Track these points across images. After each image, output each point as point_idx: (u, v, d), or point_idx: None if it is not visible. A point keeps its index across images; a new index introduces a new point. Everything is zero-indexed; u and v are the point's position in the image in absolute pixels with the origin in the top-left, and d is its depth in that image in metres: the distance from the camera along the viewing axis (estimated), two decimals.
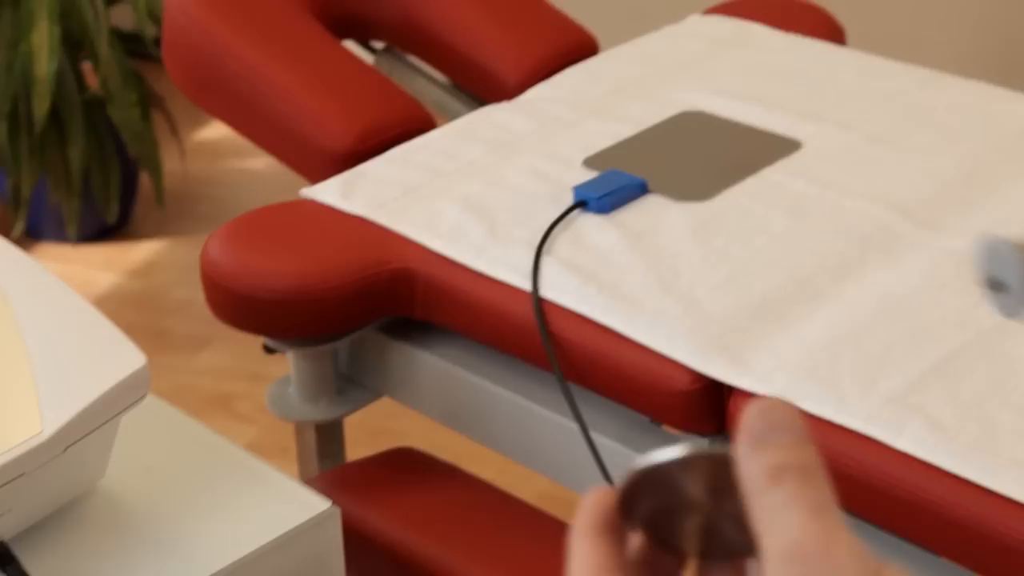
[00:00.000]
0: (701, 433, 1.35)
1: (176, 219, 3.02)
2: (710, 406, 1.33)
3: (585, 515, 0.50)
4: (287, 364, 1.62)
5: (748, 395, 1.28)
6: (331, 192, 1.59)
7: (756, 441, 0.47)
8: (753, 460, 0.47)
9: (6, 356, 1.04)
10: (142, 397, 1.07)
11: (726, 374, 1.30)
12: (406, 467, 1.62)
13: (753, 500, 0.46)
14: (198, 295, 1.62)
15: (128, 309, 2.76)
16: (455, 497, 1.55)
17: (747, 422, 0.48)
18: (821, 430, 1.24)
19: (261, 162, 3.15)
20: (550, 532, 1.47)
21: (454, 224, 1.50)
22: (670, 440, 1.41)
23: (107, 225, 2.92)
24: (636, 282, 1.40)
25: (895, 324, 1.34)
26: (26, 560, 1.02)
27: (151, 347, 1.20)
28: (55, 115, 2.71)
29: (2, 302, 1.08)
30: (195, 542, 1.09)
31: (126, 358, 1.06)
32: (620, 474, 0.51)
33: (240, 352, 2.61)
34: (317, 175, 1.68)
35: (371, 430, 2.07)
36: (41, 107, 2.63)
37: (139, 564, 1.07)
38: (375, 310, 1.50)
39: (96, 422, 1.04)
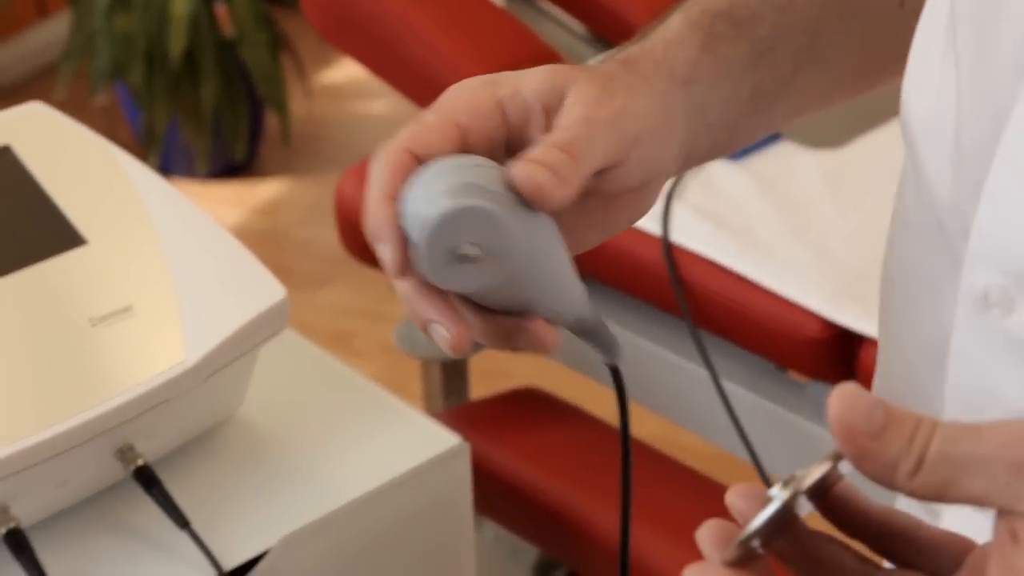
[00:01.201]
0: (829, 380, 1.35)
1: (300, 159, 3.06)
2: (839, 354, 1.33)
3: None
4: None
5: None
6: None
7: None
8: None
9: (153, 285, 1.07)
10: (281, 328, 1.10)
11: (857, 323, 1.30)
12: (530, 406, 1.63)
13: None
14: (320, 234, 1.65)
15: (252, 246, 2.80)
16: (579, 436, 1.56)
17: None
18: None
19: (384, 104, 3.18)
20: (670, 473, 1.49)
21: None
22: (797, 388, 1.41)
23: (234, 163, 2.97)
24: (767, 229, 1.39)
25: None
26: (168, 483, 1.05)
27: None
28: (189, 55, 2.76)
29: (151, 232, 1.10)
30: (329, 472, 1.11)
31: (267, 290, 1.09)
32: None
33: (359, 292, 2.64)
34: None
35: (491, 372, 2.09)
36: (176, 47, 2.68)
37: (274, 490, 1.10)
38: None
39: (237, 352, 1.06)
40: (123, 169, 1.15)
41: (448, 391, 1.66)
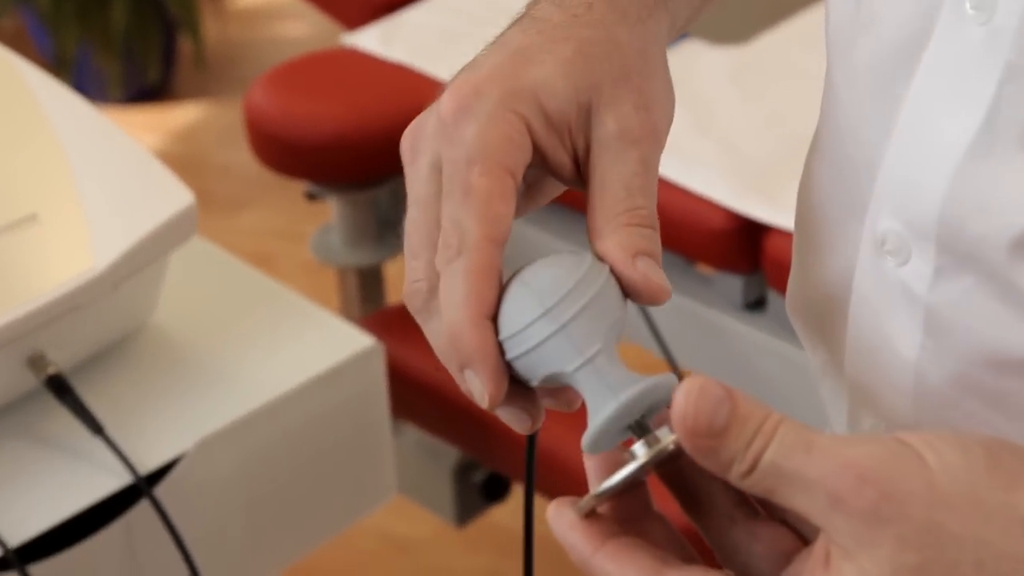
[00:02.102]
0: (737, 271, 1.37)
1: (216, 82, 3.04)
2: (745, 245, 1.34)
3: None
4: (328, 218, 1.64)
5: (782, 233, 1.30)
6: (371, 39, 1.60)
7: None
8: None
9: (58, 194, 1.07)
10: (190, 234, 1.10)
11: (762, 213, 1.31)
12: None
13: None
14: (238, 157, 1.65)
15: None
16: None
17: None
18: None
19: (301, 26, 3.15)
20: None
21: None
22: (705, 280, 1.43)
23: (149, 88, 2.94)
24: (673, 124, 1.40)
25: None
26: (82, 391, 1.05)
27: None
28: None
29: (55, 141, 1.10)
30: (244, 375, 1.12)
31: (175, 196, 1.08)
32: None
33: (279, 213, 2.64)
34: (358, 24, 1.69)
35: None
36: None
37: (189, 395, 1.10)
38: None
39: (146, 258, 1.06)
40: (25, 80, 1.14)
41: (365, 298, 1.67)
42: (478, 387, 0.54)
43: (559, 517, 0.51)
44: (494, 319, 0.54)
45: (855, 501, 0.45)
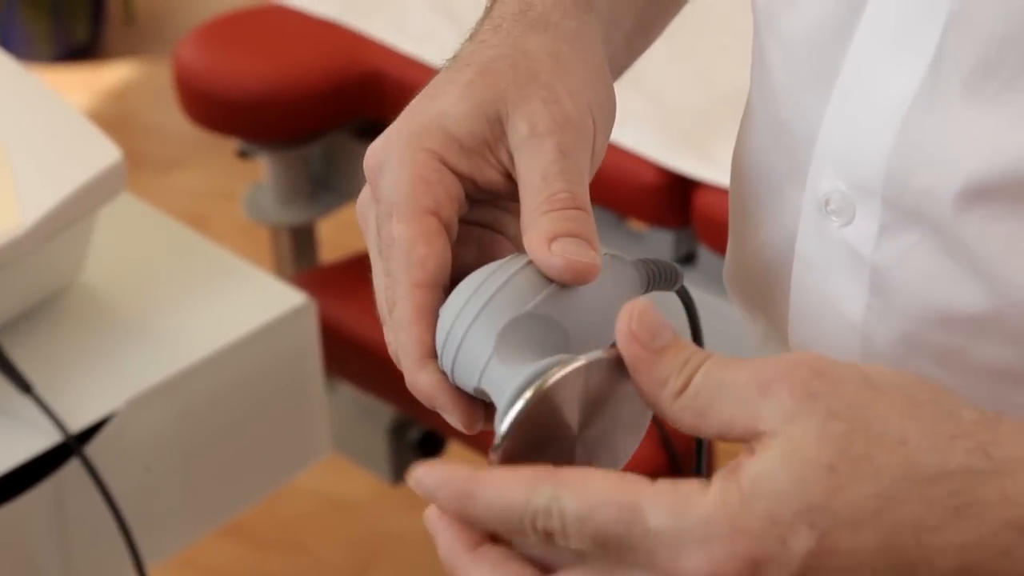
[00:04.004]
0: (667, 226, 1.38)
1: (147, 40, 3.00)
2: (676, 200, 1.35)
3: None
4: (261, 177, 1.63)
5: (712, 188, 1.31)
6: None
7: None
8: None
9: None
10: (118, 191, 1.09)
11: (691, 168, 1.32)
12: None
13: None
14: (170, 117, 1.63)
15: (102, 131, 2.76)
16: None
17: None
18: None
19: None
20: None
21: (423, 25, 1.51)
22: (637, 236, 1.44)
23: (78, 46, 2.91)
24: None
25: None
26: (10, 349, 1.04)
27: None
28: None
29: None
30: (175, 333, 1.12)
31: (102, 152, 1.08)
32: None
33: (213, 174, 2.62)
34: None
35: (341, 240, 2.10)
36: None
37: (120, 353, 1.10)
38: (346, 112, 1.52)
39: (73, 215, 1.06)
40: None
41: (298, 257, 1.67)
42: (452, 420, 0.55)
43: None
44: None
45: (788, 379, 0.46)
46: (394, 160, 0.57)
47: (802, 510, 0.44)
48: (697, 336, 0.65)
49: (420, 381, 0.54)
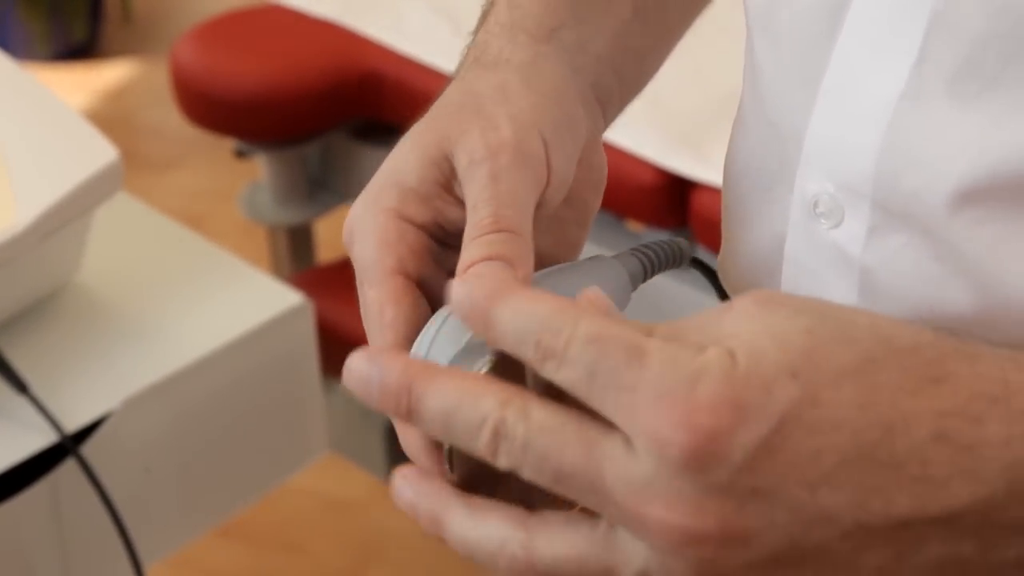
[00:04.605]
0: (665, 227, 1.38)
1: (145, 40, 3.01)
2: (673, 201, 1.35)
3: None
4: (258, 177, 1.63)
5: (709, 189, 1.31)
6: None
7: None
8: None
9: None
10: (115, 191, 1.09)
11: (688, 169, 1.32)
12: None
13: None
14: (168, 116, 1.63)
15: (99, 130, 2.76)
16: None
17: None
18: None
19: None
20: None
21: (421, 25, 1.51)
22: (635, 237, 1.44)
23: (76, 45, 2.91)
24: None
25: None
26: (6, 349, 1.04)
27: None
28: None
29: None
30: (171, 333, 1.11)
31: (99, 152, 1.08)
32: None
33: (210, 173, 2.62)
34: None
35: (339, 241, 2.10)
36: None
37: (116, 353, 1.10)
38: (344, 112, 1.52)
39: (70, 214, 1.06)
40: None
41: (296, 257, 1.66)
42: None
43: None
44: None
45: (744, 298, 0.47)
46: (359, 227, 0.58)
47: (784, 363, 0.45)
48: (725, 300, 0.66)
49: (398, 426, 0.56)
